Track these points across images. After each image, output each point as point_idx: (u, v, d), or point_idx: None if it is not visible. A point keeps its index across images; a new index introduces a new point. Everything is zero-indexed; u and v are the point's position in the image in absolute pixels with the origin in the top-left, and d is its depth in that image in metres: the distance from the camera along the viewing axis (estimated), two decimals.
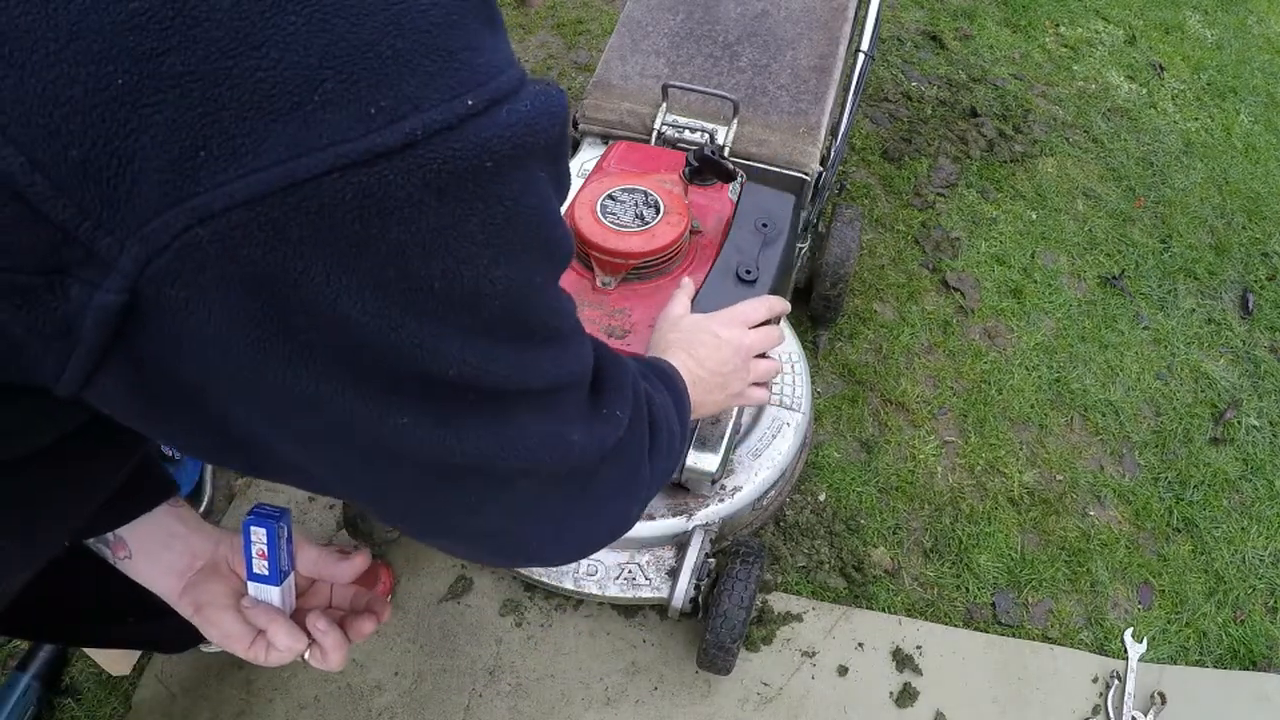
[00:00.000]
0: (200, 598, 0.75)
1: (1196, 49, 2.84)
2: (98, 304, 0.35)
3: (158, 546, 0.76)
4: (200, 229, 0.34)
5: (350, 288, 0.37)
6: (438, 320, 0.40)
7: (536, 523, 0.57)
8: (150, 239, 0.34)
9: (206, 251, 0.35)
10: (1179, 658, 1.56)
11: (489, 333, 0.43)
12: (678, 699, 1.41)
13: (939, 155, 2.34)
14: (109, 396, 0.41)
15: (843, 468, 1.71)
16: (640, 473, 0.65)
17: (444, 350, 0.41)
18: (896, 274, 2.06)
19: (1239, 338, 2.06)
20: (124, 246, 0.34)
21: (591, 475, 0.58)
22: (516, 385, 0.46)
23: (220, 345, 0.37)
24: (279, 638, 0.72)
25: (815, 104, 1.53)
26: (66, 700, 1.34)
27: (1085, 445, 1.83)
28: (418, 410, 0.43)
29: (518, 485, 0.52)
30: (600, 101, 1.52)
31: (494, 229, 0.40)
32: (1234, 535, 1.72)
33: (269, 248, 0.35)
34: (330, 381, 0.40)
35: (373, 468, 0.46)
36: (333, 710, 1.36)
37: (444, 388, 0.43)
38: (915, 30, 2.73)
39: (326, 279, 0.36)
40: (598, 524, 0.63)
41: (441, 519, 0.53)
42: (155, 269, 0.35)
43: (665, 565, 1.39)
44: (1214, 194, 2.38)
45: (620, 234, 1.12)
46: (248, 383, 0.40)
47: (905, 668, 1.48)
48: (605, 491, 0.60)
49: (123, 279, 0.35)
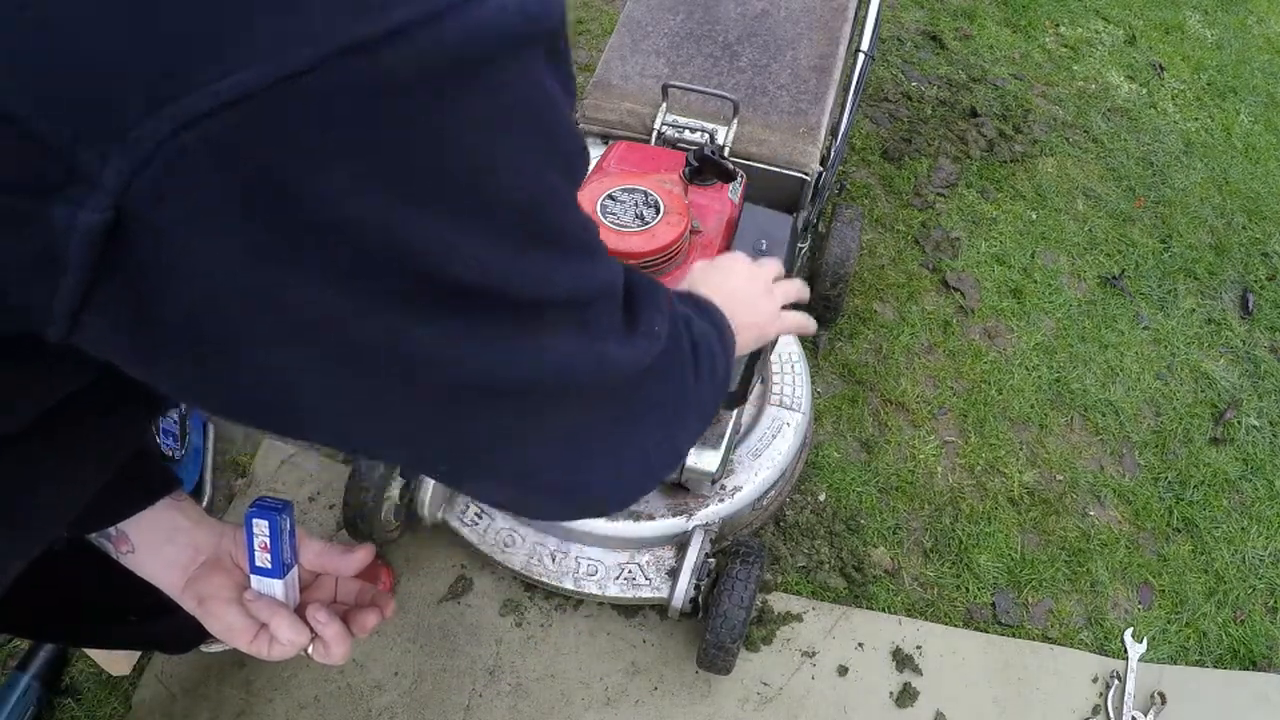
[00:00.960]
0: (203, 591, 0.74)
1: (1196, 49, 2.84)
2: (82, 225, 0.33)
3: (160, 541, 0.76)
4: (187, 134, 0.32)
5: (353, 186, 0.35)
6: (448, 216, 0.37)
7: (585, 452, 0.54)
8: (133, 150, 0.32)
9: (195, 159, 0.32)
10: (1179, 658, 1.56)
11: (504, 233, 0.40)
12: (678, 699, 1.41)
13: (939, 155, 2.34)
14: (100, 336, 0.38)
15: (843, 468, 1.71)
16: (687, 393, 0.62)
17: (458, 250, 0.38)
18: (896, 274, 2.06)
19: (1239, 338, 2.06)
20: (106, 160, 0.32)
21: (634, 393, 0.55)
22: (541, 294, 0.44)
23: (215, 266, 0.35)
24: (281, 631, 0.72)
25: (815, 104, 1.53)
26: (66, 700, 1.34)
27: (1085, 445, 1.83)
28: (438, 321, 0.40)
29: (558, 407, 0.49)
30: (600, 101, 1.53)
31: (497, 120, 0.38)
32: (1234, 535, 1.72)
33: (263, 149, 0.33)
34: (341, 296, 0.37)
35: (398, 397, 0.43)
36: (333, 710, 1.36)
37: (463, 295, 0.40)
38: (915, 30, 2.73)
39: (329, 180, 0.34)
40: (649, 450, 0.59)
41: (481, 454, 0.49)
42: (141, 182, 0.32)
43: (665, 565, 1.39)
44: (1214, 194, 2.38)
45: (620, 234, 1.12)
46: (248, 308, 0.37)
47: (905, 668, 1.48)
48: (652, 413, 0.57)
49: (106, 195, 0.32)
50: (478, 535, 1.41)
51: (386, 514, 1.42)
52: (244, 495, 1.58)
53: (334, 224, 0.35)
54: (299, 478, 1.60)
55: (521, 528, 1.42)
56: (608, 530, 1.38)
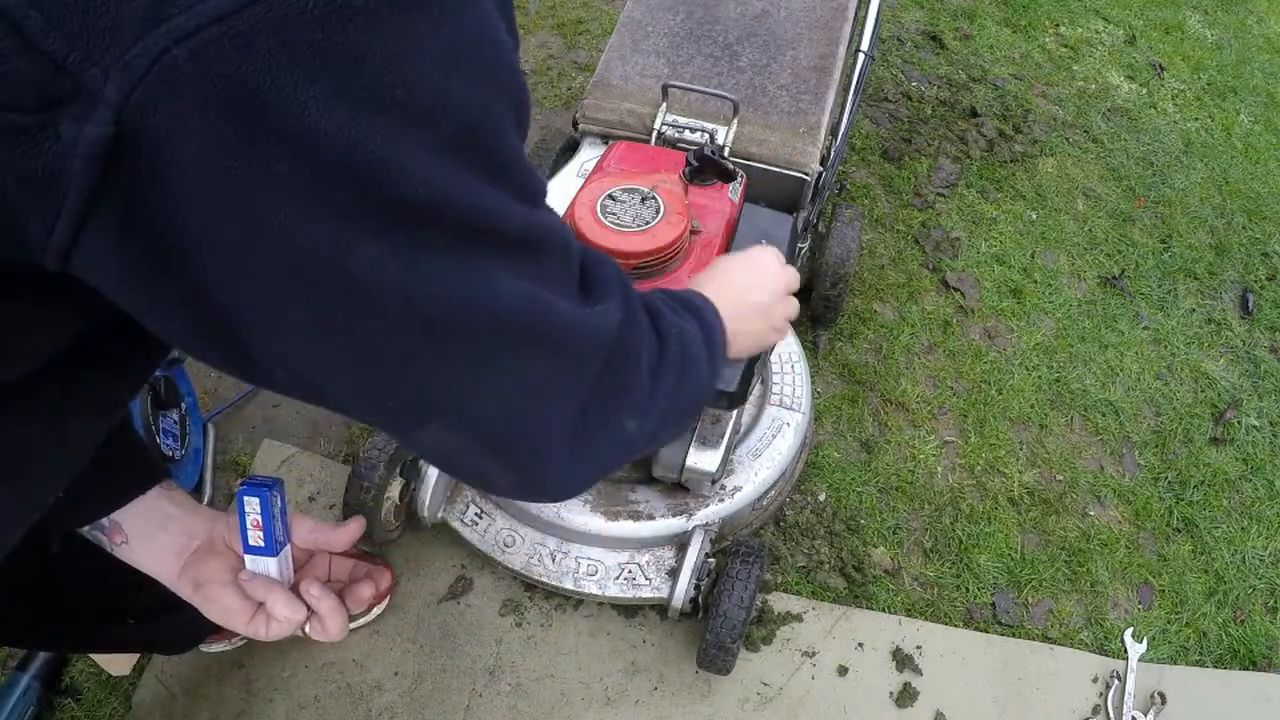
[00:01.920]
0: (199, 576, 0.75)
1: (1196, 49, 2.84)
2: (85, 138, 0.36)
3: (154, 529, 0.76)
4: (177, 50, 0.35)
5: (316, 98, 0.38)
6: (401, 131, 0.40)
7: (532, 410, 0.54)
8: (132, 66, 0.35)
9: (183, 72, 0.36)
10: (1179, 658, 1.56)
11: (454, 154, 0.43)
12: (678, 699, 1.41)
13: (939, 155, 2.34)
14: (95, 258, 0.41)
15: (843, 468, 1.71)
16: (639, 380, 0.61)
17: (410, 166, 0.41)
18: (896, 274, 2.06)
19: (1239, 338, 2.06)
20: (109, 76, 0.36)
21: (586, 361, 0.55)
22: (490, 224, 0.45)
23: (197, 179, 0.38)
24: (277, 608, 0.72)
25: (815, 104, 1.53)
26: (66, 700, 1.34)
27: (1085, 445, 1.83)
28: (387, 237, 0.42)
29: (505, 352, 0.50)
30: (600, 101, 1.52)
31: (452, 46, 0.41)
32: (1234, 535, 1.72)
33: (239, 62, 0.36)
34: (297, 205, 0.40)
35: (342, 319, 0.45)
36: (333, 710, 1.36)
37: (413, 212, 0.42)
38: (915, 30, 2.73)
39: (294, 90, 0.37)
40: (600, 430, 0.58)
41: (424, 391, 0.50)
42: (138, 97, 0.36)
43: (665, 565, 1.39)
44: (1214, 194, 2.38)
45: (620, 234, 1.12)
46: (222, 223, 0.40)
47: (905, 668, 1.48)
48: (606, 391, 0.57)
49: (108, 110, 0.36)
50: (478, 535, 1.41)
51: (386, 514, 1.42)
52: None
53: (297, 134, 0.38)
54: (299, 477, 1.60)
55: (522, 528, 1.42)
56: (608, 530, 1.38)
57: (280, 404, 1.71)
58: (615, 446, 0.61)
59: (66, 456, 0.60)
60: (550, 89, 2.40)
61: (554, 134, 1.74)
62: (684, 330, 0.69)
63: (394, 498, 1.42)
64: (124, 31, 0.35)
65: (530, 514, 1.39)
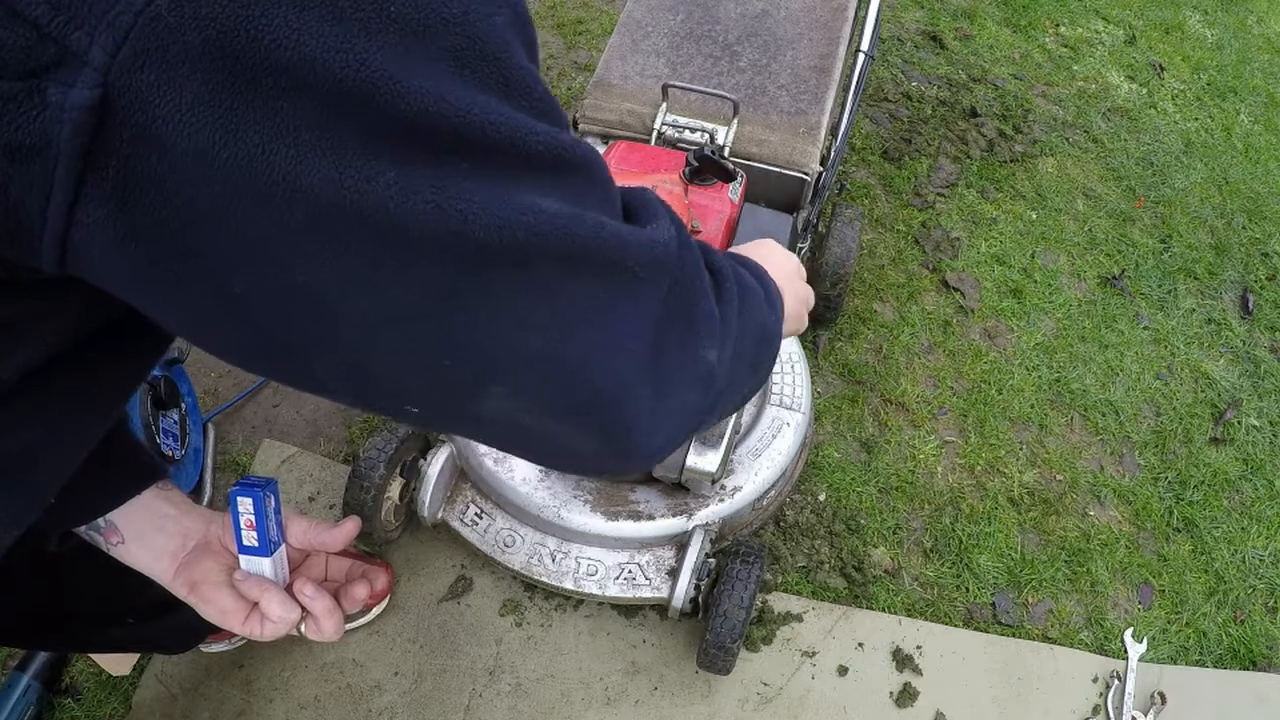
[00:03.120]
0: (194, 576, 0.75)
1: (1196, 49, 2.85)
2: (72, 102, 0.35)
3: (149, 530, 0.76)
4: (159, 1, 0.35)
5: (309, 25, 0.36)
6: (402, 47, 0.38)
7: (600, 338, 0.47)
8: (116, 23, 0.35)
9: (168, 22, 0.35)
10: (1179, 658, 1.56)
11: (461, 68, 0.40)
12: (678, 699, 1.41)
13: (939, 155, 2.34)
14: (91, 241, 0.39)
15: (843, 468, 1.71)
16: (708, 302, 0.55)
17: (416, 84, 0.38)
18: (896, 274, 2.06)
19: (1239, 338, 2.06)
20: (94, 37, 0.35)
21: (649, 277, 0.48)
22: (513, 140, 0.42)
23: (194, 132, 0.36)
24: (272, 608, 0.72)
25: (815, 104, 1.53)
26: (66, 700, 1.34)
27: (1085, 445, 1.83)
28: (409, 166, 0.39)
29: (561, 273, 0.44)
30: (600, 101, 1.52)
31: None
32: (1234, 535, 1.72)
33: (227, 3, 0.35)
34: (307, 144, 0.37)
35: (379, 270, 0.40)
36: (333, 710, 1.36)
37: (430, 135, 0.39)
38: (915, 30, 2.73)
39: (284, 20, 0.36)
40: (678, 357, 0.52)
41: (483, 340, 0.44)
42: (125, 55, 0.35)
43: (665, 565, 1.39)
44: (1214, 194, 2.38)
45: None
46: (225, 178, 0.37)
47: (905, 668, 1.48)
48: (672, 309, 0.51)
49: (95, 73, 0.35)
50: (478, 535, 1.41)
51: (386, 514, 1.42)
52: None
53: (294, 66, 0.36)
54: (299, 477, 1.60)
55: (522, 528, 1.42)
56: (608, 530, 1.38)
57: (280, 404, 1.71)
58: (699, 384, 0.55)
59: (62, 457, 0.59)
60: (550, 89, 2.39)
61: None
62: (734, 267, 0.64)
63: (394, 498, 1.42)
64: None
65: (530, 514, 1.39)
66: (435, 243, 0.40)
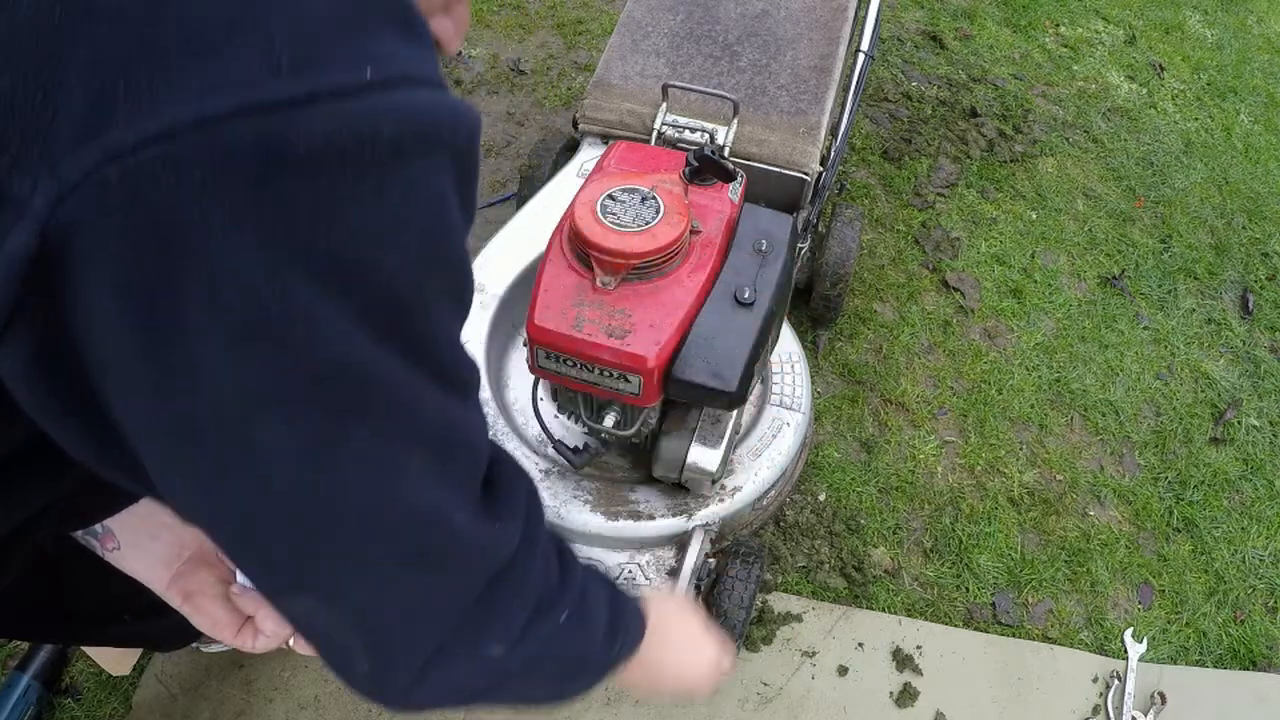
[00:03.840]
0: (189, 586, 0.75)
1: (1196, 49, 2.85)
2: (9, 249, 0.34)
3: (145, 538, 0.76)
4: (110, 168, 0.33)
5: (244, 241, 0.35)
6: (323, 291, 0.38)
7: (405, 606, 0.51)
8: (62, 176, 0.33)
9: (114, 193, 0.34)
10: (1179, 658, 1.56)
11: (374, 325, 0.40)
12: (678, 699, 1.41)
13: (939, 155, 2.34)
14: (10, 371, 0.39)
15: (843, 468, 1.71)
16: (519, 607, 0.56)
17: (328, 330, 0.38)
18: (896, 274, 2.06)
19: (1239, 338, 2.06)
20: (37, 185, 0.33)
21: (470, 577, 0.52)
22: (402, 407, 0.43)
23: (113, 311, 0.36)
24: (266, 622, 0.72)
25: (815, 104, 1.53)
26: (66, 700, 1.34)
27: (1085, 445, 1.83)
28: (295, 412, 0.40)
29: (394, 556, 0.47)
30: (600, 101, 1.52)
31: (387, 212, 0.38)
32: (1234, 535, 1.72)
33: (172, 190, 0.34)
34: (210, 358, 0.38)
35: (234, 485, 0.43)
36: (333, 710, 1.36)
37: (326, 384, 0.40)
38: (915, 30, 2.73)
39: (222, 228, 0.35)
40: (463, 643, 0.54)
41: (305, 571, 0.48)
42: (65, 211, 0.34)
43: (665, 565, 1.39)
44: (1214, 194, 2.38)
45: (620, 234, 1.12)
46: (133, 360, 0.38)
47: (905, 668, 1.48)
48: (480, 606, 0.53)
49: (34, 222, 0.34)
50: None
51: None
52: None
53: (219, 276, 0.36)
54: None
55: None
56: (608, 530, 1.38)
57: None
58: (475, 669, 0.57)
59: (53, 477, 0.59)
60: (550, 89, 2.40)
61: (554, 134, 1.74)
62: (591, 589, 0.64)
63: None
64: (58, 139, 0.33)
65: None
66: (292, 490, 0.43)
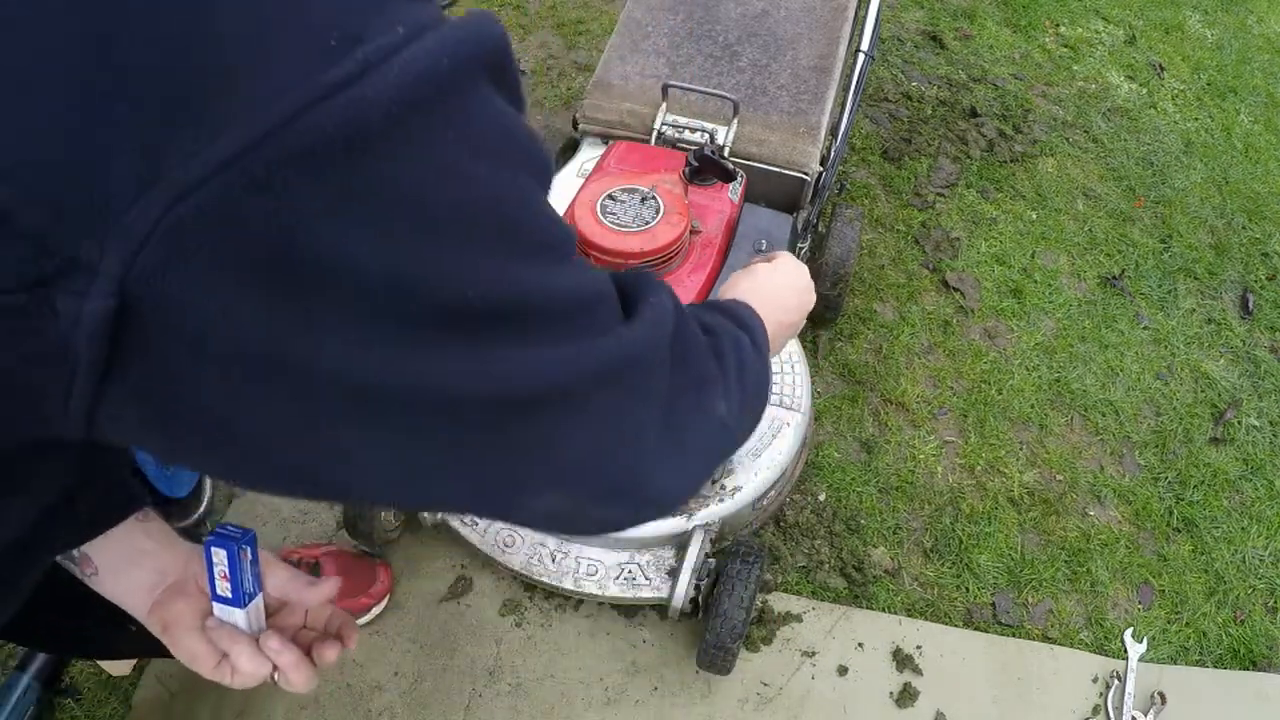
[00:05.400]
0: (167, 616, 0.73)
1: (1196, 49, 2.84)
2: (88, 313, 0.33)
3: (125, 563, 0.74)
4: (181, 207, 0.32)
5: (344, 230, 0.35)
6: (436, 240, 0.38)
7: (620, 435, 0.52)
8: (131, 231, 0.32)
9: (192, 229, 0.33)
10: (1179, 658, 1.56)
11: (493, 246, 0.41)
12: (678, 699, 1.41)
13: (939, 155, 2.34)
14: (119, 429, 0.39)
15: (843, 468, 1.71)
16: (706, 357, 0.61)
17: (454, 271, 0.39)
18: (896, 274, 2.06)
19: (1239, 338, 2.06)
20: (104, 247, 0.32)
21: (653, 365, 0.54)
22: (539, 301, 0.44)
23: (228, 333, 0.35)
24: (241, 661, 0.70)
25: (815, 104, 1.52)
26: (66, 700, 1.34)
27: (1085, 445, 1.83)
28: (450, 349, 0.40)
29: (584, 405, 0.49)
30: (600, 101, 1.52)
31: (465, 139, 0.39)
32: (1234, 535, 1.72)
33: (254, 208, 0.33)
34: (350, 348, 0.37)
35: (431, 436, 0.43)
36: (333, 710, 1.36)
37: (468, 317, 0.40)
38: (915, 30, 2.73)
39: (318, 226, 0.35)
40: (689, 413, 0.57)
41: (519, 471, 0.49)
42: (143, 263, 0.33)
43: (665, 565, 1.39)
44: (1214, 194, 2.38)
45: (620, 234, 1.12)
46: (262, 382, 0.37)
47: (905, 668, 1.48)
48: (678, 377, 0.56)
49: (109, 281, 0.33)
50: (478, 535, 1.41)
51: (386, 514, 1.42)
52: (244, 496, 1.58)
53: (330, 269, 0.36)
54: None
55: (521, 528, 1.42)
56: None
57: None
58: (715, 435, 0.61)
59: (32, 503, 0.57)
60: (550, 89, 2.40)
61: (554, 134, 1.74)
62: (719, 320, 0.69)
63: None
64: (117, 196, 0.32)
65: None
66: (477, 407, 0.43)
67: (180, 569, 0.75)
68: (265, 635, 0.72)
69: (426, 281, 0.38)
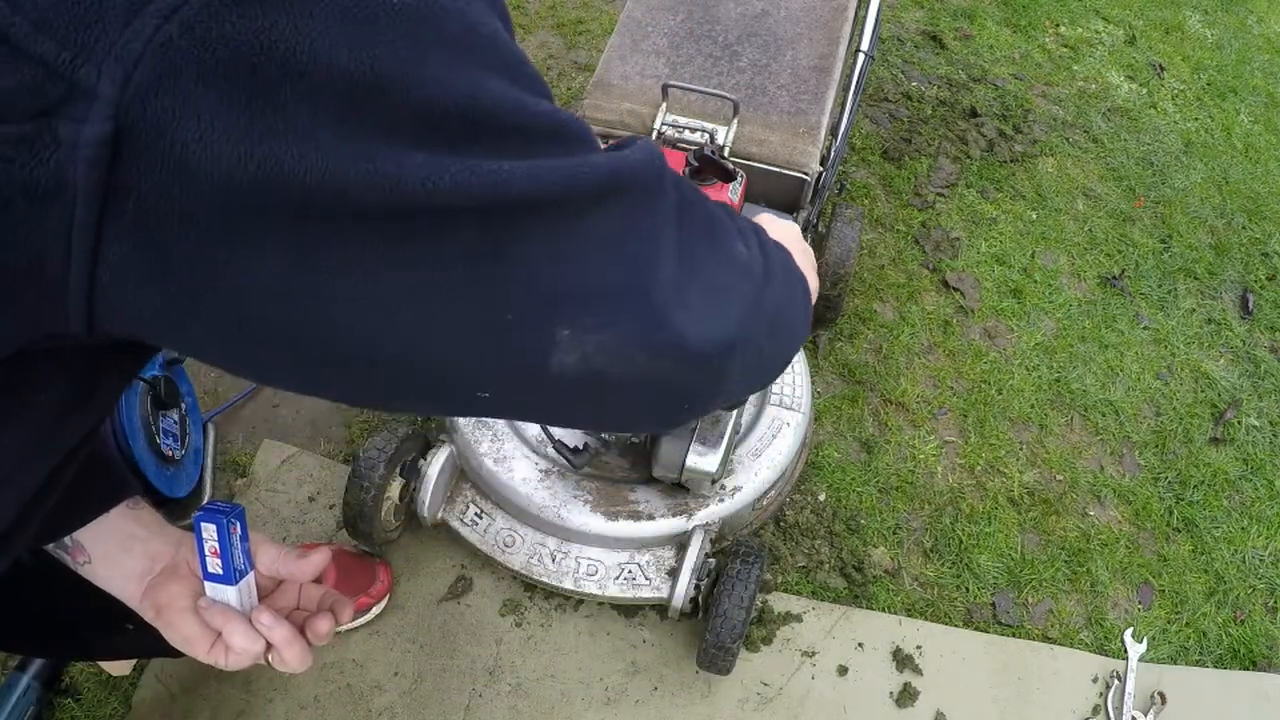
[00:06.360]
0: (160, 600, 0.73)
1: (1196, 49, 2.84)
2: (85, 138, 0.35)
3: (116, 550, 0.74)
4: (169, 24, 0.34)
5: (319, 31, 0.36)
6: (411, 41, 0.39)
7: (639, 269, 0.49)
8: (125, 53, 0.34)
9: (179, 46, 0.34)
10: (1179, 658, 1.56)
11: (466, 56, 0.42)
12: (678, 699, 1.41)
13: (939, 155, 2.34)
14: (121, 279, 0.38)
15: (843, 468, 1.71)
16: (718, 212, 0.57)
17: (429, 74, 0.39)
18: (896, 274, 2.06)
19: (1239, 338, 2.06)
20: (102, 70, 0.34)
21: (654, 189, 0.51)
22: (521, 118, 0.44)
23: (216, 152, 0.36)
24: (234, 638, 0.70)
25: (815, 104, 1.52)
26: (66, 700, 1.34)
27: (1085, 445, 1.83)
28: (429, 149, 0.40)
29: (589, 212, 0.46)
30: (600, 101, 1.52)
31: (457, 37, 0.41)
32: (1234, 535, 1.72)
33: (234, 18, 0.35)
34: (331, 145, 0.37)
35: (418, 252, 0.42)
36: (332, 710, 1.36)
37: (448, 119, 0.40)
38: (915, 30, 2.73)
39: (294, 30, 0.36)
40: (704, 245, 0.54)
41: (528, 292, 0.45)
42: (136, 84, 0.34)
43: (665, 565, 1.39)
44: (1214, 194, 2.38)
45: None
46: (252, 192, 0.37)
47: (905, 668, 1.48)
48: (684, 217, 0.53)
49: (106, 105, 0.34)
50: (478, 535, 1.41)
51: (386, 514, 1.42)
52: (243, 495, 1.58)
53: (309, 68, 0.37)
54: (299, 477, 1.60)
55: (522, 528, 1.42)
56: (608, 530, 1.38)
57: (280, 404, 1.71)
58: (738, 270, 0.56)
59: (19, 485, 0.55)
60: (550, 89, 2.40)
61: None
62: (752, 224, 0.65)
63: (394, 498, 1.42)
64: (112, 20, 0.34)
65: (530, 514, 1.39)
66: (477, 208, 0.41)
67: (170, 554, 0.75)
68: (257, 610, 0.72)
69: (405, 81, 0.39)
